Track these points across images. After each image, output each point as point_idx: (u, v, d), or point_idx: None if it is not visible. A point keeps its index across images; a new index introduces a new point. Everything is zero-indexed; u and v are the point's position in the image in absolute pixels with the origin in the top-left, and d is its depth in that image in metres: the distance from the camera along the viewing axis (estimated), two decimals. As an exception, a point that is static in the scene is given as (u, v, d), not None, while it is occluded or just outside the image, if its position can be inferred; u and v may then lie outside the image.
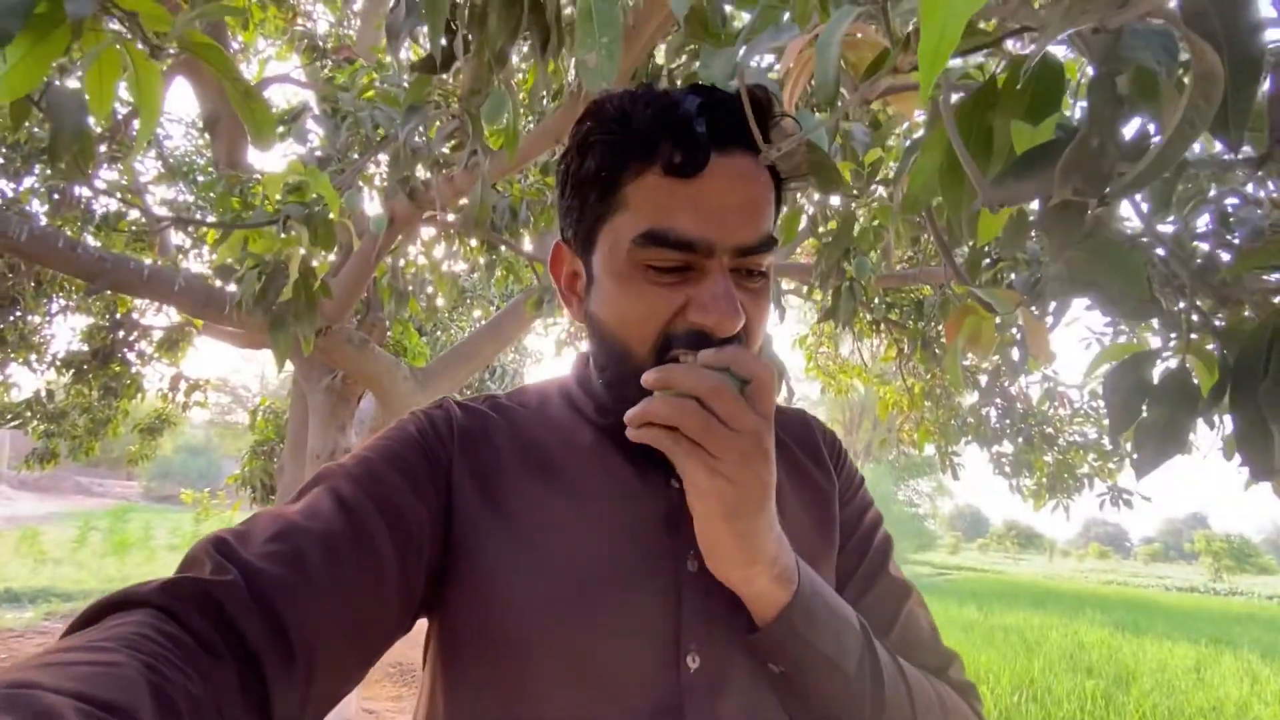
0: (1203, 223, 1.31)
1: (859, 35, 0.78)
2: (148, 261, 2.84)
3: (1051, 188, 0.51)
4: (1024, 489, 4.62)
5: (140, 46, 0.90)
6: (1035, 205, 0.59)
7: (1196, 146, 0.48)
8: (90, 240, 4.21)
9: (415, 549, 0.51)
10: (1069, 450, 4.16)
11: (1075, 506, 4.62)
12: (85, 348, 5.28)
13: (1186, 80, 0.43)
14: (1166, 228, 1.00)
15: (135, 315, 5.40)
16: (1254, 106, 0.44)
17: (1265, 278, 0.89)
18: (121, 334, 5.32)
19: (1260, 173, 0.45)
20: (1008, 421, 4.08)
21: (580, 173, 0.56)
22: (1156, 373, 0.87)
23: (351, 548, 0.47)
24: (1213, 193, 1.40)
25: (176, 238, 5.27)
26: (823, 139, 0.96)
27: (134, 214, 4.72)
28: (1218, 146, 0.81)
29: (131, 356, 5.50)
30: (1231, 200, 1.43)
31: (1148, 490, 4.29)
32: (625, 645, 0.51)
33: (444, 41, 1.13)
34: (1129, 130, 0.53)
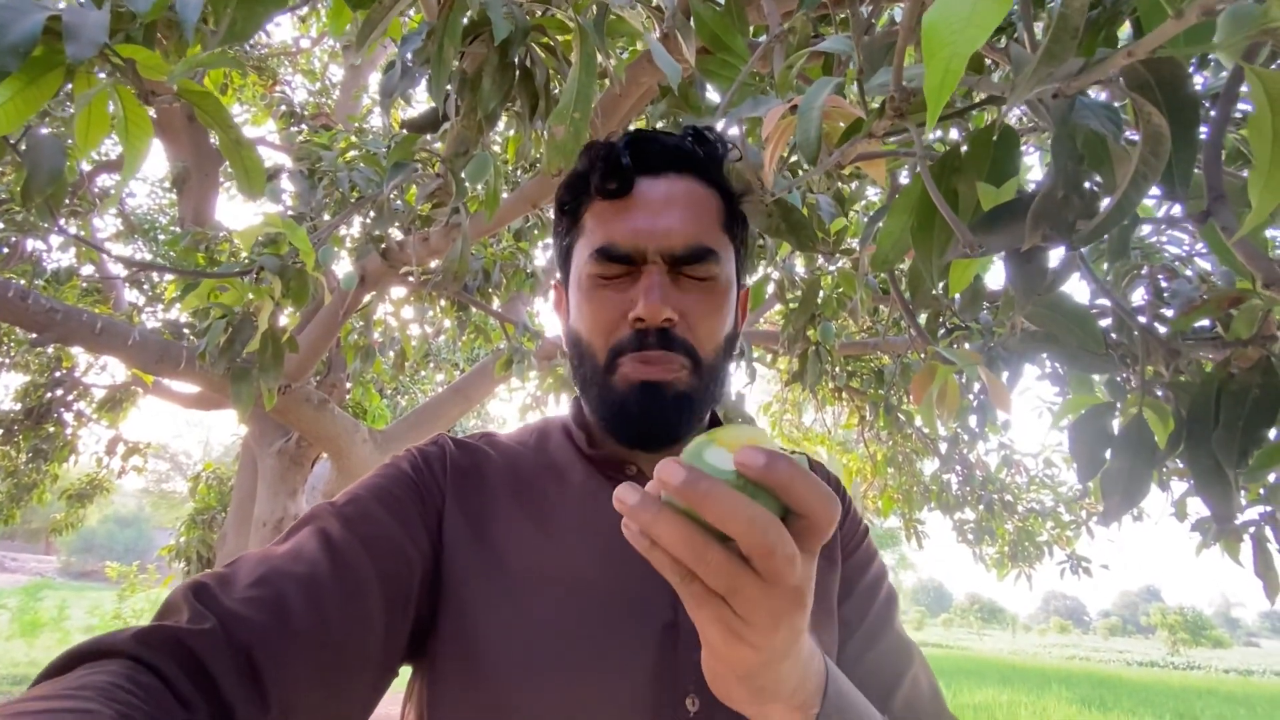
0: (1138, 296, 1.41)
1: (832, 107, 0.85)
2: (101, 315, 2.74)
3: (1020, 239, 0.55)
4: (987, 558, 4.65)
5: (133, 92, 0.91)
6: (991, 279, 0.64)
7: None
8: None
9: (403, 593, 0.50)
10: (1028, 517, 4.24)
11: (1036, 576, 4.66)
12: (18, 406, 4.99)
13: (1129, 148, 0.48)
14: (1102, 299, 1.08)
15: (76, 373, 5.16)
16: (1192, 170, 0.49)
17: (1200, 339, 0.96)
18: (60, 392, 5.05)
19: (1203, 224, 0.49)
20: (968, 489, 4.15)
21: (557, 214, 0.65)
22: (1116, 424, 0.92)
23: (336, 593, 0.46)
24: (1144, 270, 1.52)
25: (131, 294, 5.13)
26: (796, 199, 1.01)
27: (87, 270, 4.59)
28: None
29: (68, 417, 5.21)
30: (1160, 279, 1.54)
31: (1103, 559, 4.37)
32: (619, 690, 0.49)
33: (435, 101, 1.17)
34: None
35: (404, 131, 1.39)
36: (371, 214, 1.82)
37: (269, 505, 3.86)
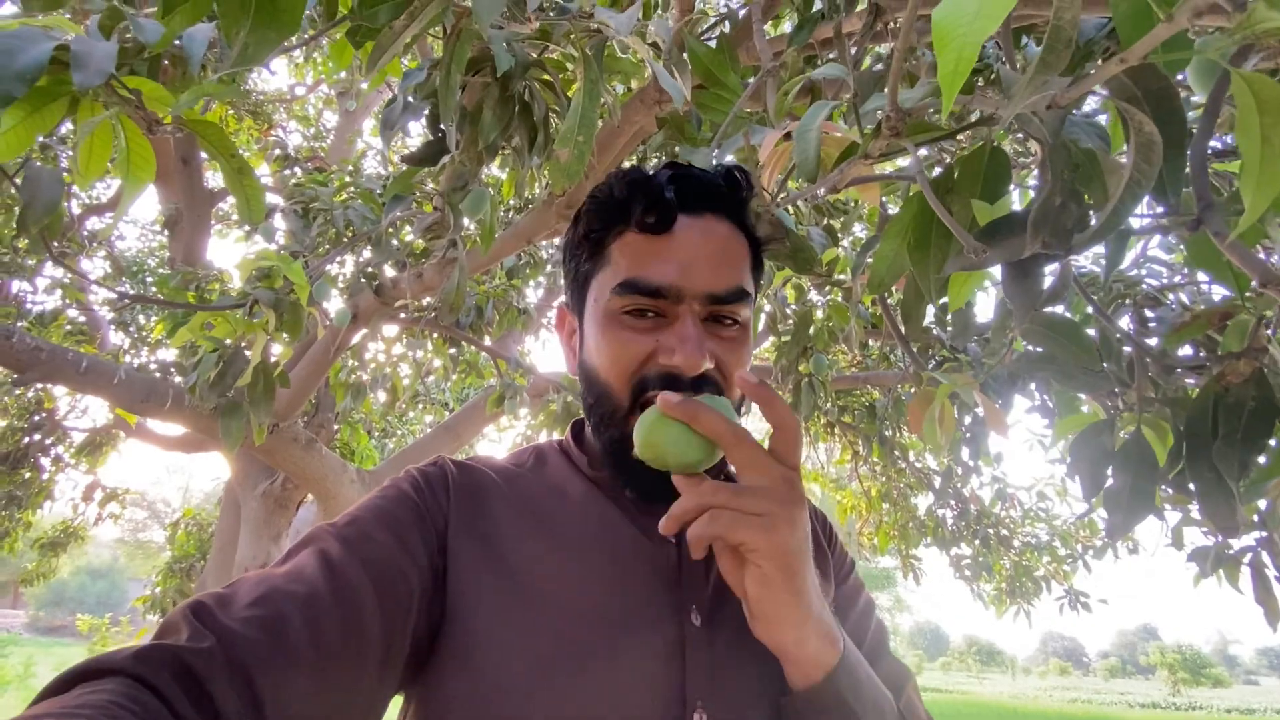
0: (1123, 324, 1.44)
1: (826, 133, 0.87)
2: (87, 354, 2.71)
3: (1021, 249, 0.57)
4: (985, 594, 4.59)
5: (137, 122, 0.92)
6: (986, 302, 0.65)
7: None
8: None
9: (402, 614, 0.49)
10: (1024, 551, 4.21)
11: (1034, 613, 4.60)
12: (-6, 451, 4.86)
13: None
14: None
15: (56, 416, 5.05)
16: (1183, 177, 0.51)
17: (1191, 355, 0.98)
18: (38, 436, 4.94)
19: (1196, 231, 0.51)
20: (963, 523, 4.13)
21: (574, 239, 0.63)
22: (1114, 441, 0.92)
23: (335, 613, 0.46)
24: (1128, 302, 1.55)
25: (116, 337, 5.08)
26: (790, 221, 1.03)
27: (73, 313, 4.55)
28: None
29: (45, 461, 5.08)
30: (1145, 309, 1.58)
31: (1101, 594, 4.33)
32: (628, 705, 0.48)
33: (436, 135, 1.19)
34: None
35: (402, 167, 1.41)
36: (367, 250, 1.83)
37: (252, 549, 3.75)
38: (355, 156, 4.55)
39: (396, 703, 0.54)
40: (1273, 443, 0.73)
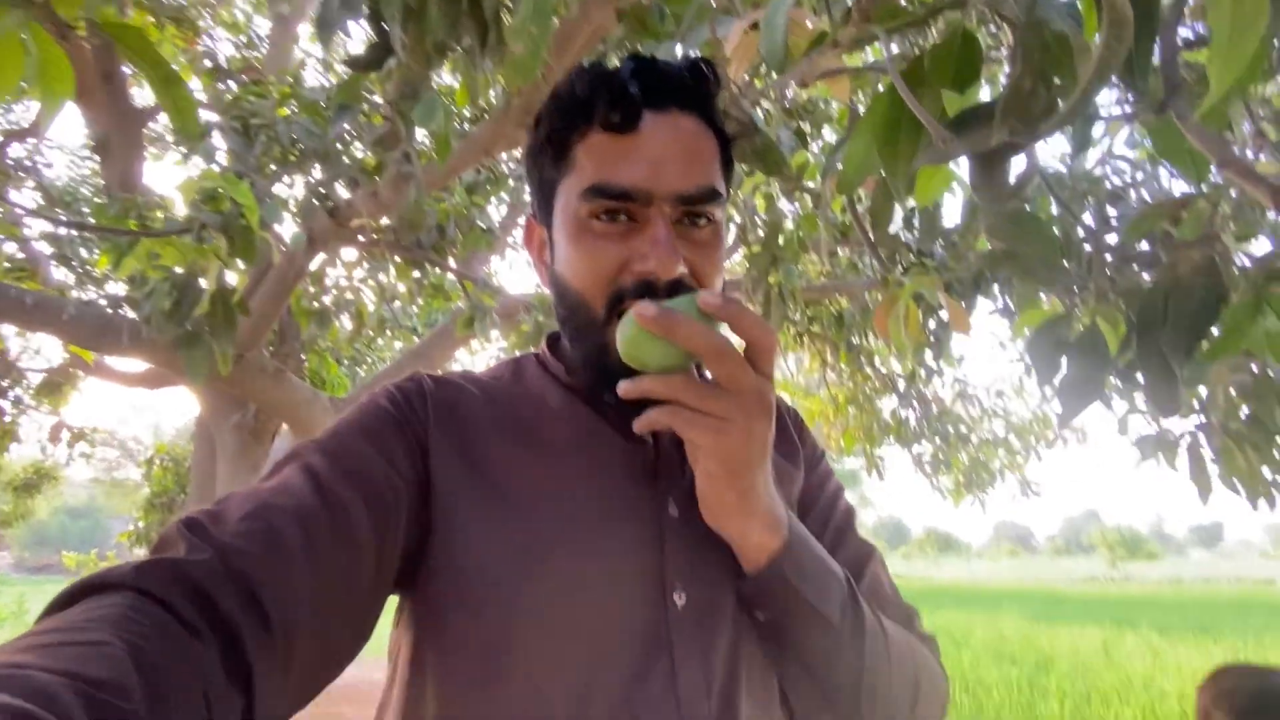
0: (1086, 219, 1.46)
1: (793, 20, 0.83)
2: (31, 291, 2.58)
3: (985, 140, 0.56)
4: (943, 488, 4.88)
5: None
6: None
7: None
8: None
9: (392, 521, 0.50)
10: (982, 447, 4.44)
11: (989, 501, 4.92)
12: (-53, 397, 4.70)
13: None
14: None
15: (10, 358, 4.87)
16: (1152, 59, 0.50)
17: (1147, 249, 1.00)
18: (-8, 380, 4.77)
19: (1164, 113, 0.51)
20: (925, 423, 4.32)
21: (537, 144, 0.60)
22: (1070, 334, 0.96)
23: (326, 522, 0.46)
24: (1089, 201, 1.56)
25: (59, 272, 4.82)
26: (759, 120, 1.00)
27: (10, 247, 4.28)
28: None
29: (4, 404, 4.94)
30: (1109, 208, 1.59)
31: (1050, 482, 4.64)
32: (609, 587, 0.51)
33: (379, 36, 1.11)
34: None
35: (346, 74, 1.31)
36: (318, 170, 1.73)
37: (232, 482, 3.77)
38: (294, 68, 4.22)
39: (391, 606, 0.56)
40: (1214, 331, 0.76)
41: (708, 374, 0.51)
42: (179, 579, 0.39)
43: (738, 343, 0.48)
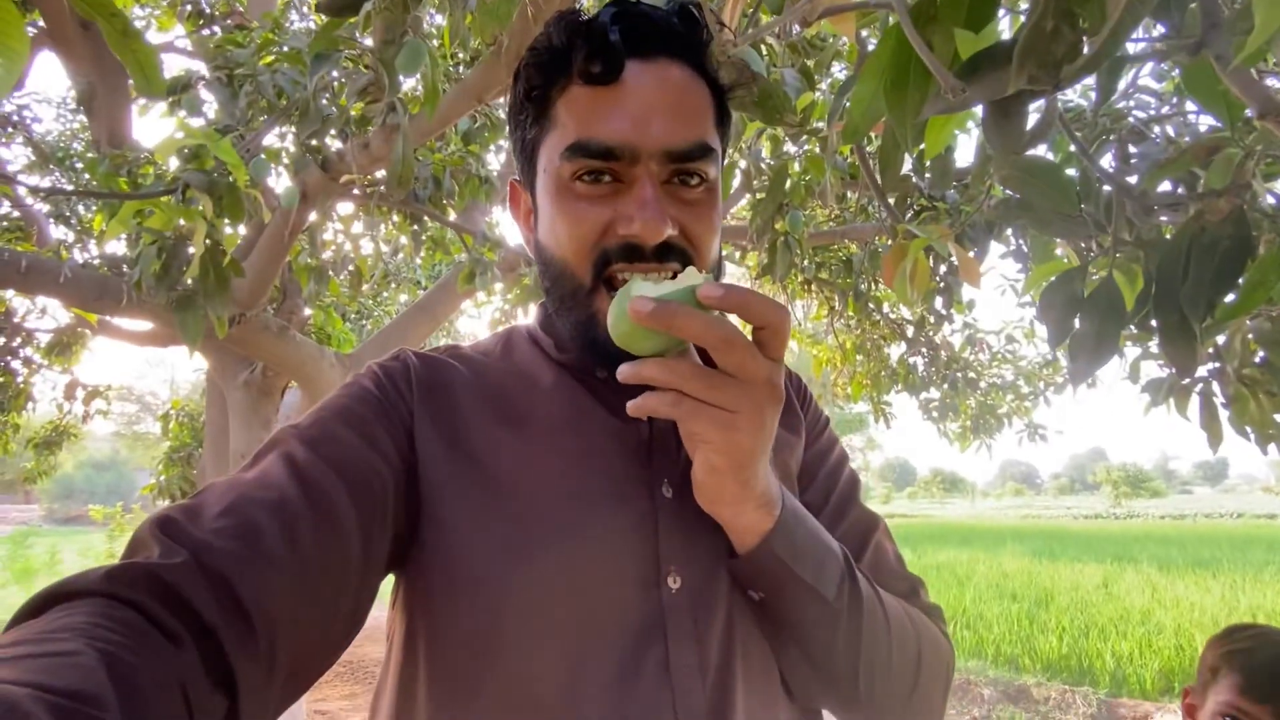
0: (1106, 162, 1.38)
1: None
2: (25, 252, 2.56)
3: (1004, 86, 0.51)
4: (950, 433, 4.89)
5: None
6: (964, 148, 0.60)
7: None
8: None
9: (378, 508, 0.49)
10: (990, 392, 4.42)
11: (996, 445, 4.94)
12: (-41, 358, 4.74)
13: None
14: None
15: (16, 320, 4.88)
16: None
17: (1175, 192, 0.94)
18: (2, 340, 4.80)
19: (1198, 55, 0.46)
20: (933, 369, 4.29)
21: (517, 102, 0.56)
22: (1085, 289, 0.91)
23: (307, 514, 0.45)
24: (1112, 137, 1.48)
25: (57, 230, 4.78)
26: (758, 66, 0.94)
27: (3, 209, 4.23)
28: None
29: (16, 364, 4.98)
30: (1129, 144, 1.51)
31: (1058, 426, 4.63)
32: (603, 571, 0.50)
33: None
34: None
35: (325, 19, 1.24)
36: (295, 116, 1.66)
37: (244, 438, 3.82)
38: (278, 9, 4.04)
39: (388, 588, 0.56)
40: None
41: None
42: (152, 583, 0.38)
43: (742, 326, 0.45)
